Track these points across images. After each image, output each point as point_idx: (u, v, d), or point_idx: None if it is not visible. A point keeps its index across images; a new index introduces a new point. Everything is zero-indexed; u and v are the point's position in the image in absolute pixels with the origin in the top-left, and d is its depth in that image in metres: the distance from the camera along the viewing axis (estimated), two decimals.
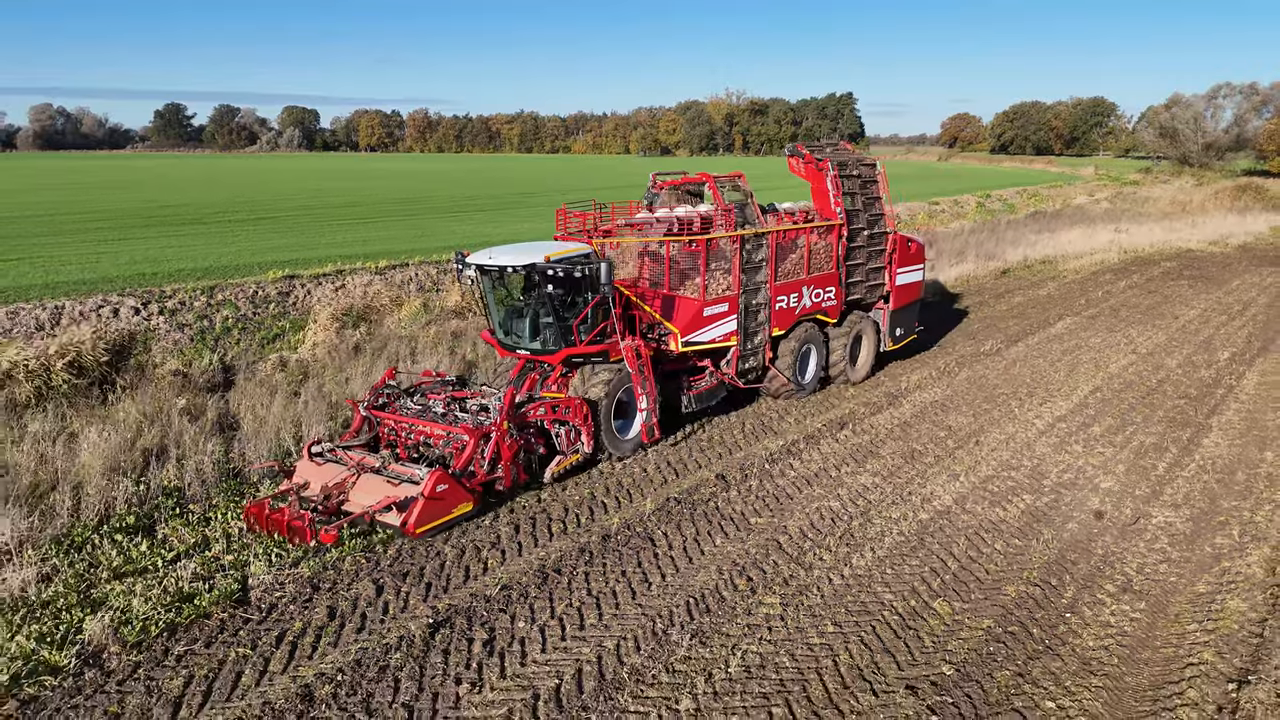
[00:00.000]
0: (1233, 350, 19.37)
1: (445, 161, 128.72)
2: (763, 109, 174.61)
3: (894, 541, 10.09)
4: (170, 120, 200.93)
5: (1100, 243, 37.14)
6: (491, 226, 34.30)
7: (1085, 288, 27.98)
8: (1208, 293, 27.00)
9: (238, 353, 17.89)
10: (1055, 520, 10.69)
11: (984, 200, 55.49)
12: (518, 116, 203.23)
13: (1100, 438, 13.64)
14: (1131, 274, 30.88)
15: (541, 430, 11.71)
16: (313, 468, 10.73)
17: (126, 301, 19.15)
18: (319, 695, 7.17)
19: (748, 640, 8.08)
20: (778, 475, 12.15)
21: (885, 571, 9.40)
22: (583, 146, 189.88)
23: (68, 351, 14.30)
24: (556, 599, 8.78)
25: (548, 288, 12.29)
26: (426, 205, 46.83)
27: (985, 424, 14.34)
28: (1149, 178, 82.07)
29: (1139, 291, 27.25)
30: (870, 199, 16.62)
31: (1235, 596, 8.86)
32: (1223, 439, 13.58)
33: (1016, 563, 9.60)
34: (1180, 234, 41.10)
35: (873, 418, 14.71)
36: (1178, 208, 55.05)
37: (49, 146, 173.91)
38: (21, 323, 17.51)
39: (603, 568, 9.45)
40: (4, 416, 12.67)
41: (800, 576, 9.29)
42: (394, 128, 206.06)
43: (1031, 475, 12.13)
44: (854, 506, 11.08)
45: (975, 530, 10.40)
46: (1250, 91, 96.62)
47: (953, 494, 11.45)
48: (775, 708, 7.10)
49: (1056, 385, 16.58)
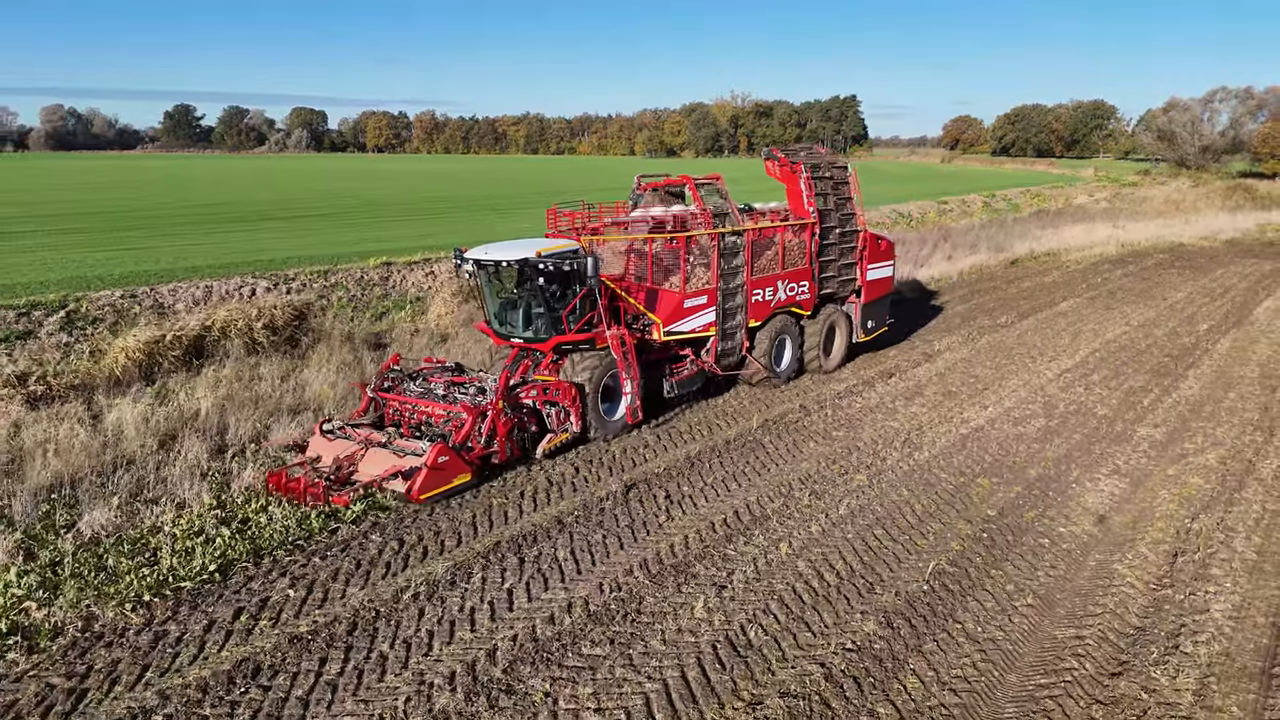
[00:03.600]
0: (1211, 323, 22.76)
1: (457, 163, 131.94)
2: (767, 111, 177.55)
3: (943, 445, 13.49)
4: (180, 121, 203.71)
5: (1099, 237, 40.52)
6: (527, 222, 37.58)
7: (1086, 275, 31.39)
8: (1194, 280, 30.39)
9: (373, 322, 21.27)
10: (1063, 432, 14.09)
11: (989, 200, 58.94)
12: (523, 118, 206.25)
13: (1099, 383, 17.03)
14: (1128, 264, 34.27)
15: (534, 410, 12.68)
16: (324, 443, 11.82)
17: (260, 283, 22.48)
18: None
19: (848, 497, 11.47)
20: (845, 407, 15.56)
21: (939, 462, 12.79)
22: (588, 148, 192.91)
23: (264, 315, 17.66)
24: (709, 473, 12.17)
25: (539, 281, 13.12)
26: (466, 203, 50.27)
27: (1005, 374, 17.74)
28: (1147, 179, 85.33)
29: (1133, 279, 30.65)
30: (842, 199, 17.56)
31: (1196, 476, 12.26)
32: (1196, 384, 16.96)
33: (1037, 457, 12.99)
34: (1174, 230, 44.48)
35: (914, 369, 18.11)
36: (1172, 206, 58.47)
37: (60, 147, 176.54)
38: (182, 297, 20.91)
39: (733, 458, 12.85)
40: (237, 360, 16.07)
41: (878, 465, 12.68)
42: (401, 129, 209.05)
43: (1044, 406, 15.52)
44: (910, 425, 14.48)
45: (1003, 439, 13.79)
46: (1246, 95, 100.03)
47: (984, 418, 14.85)
48: (876, 531, 10.49)
49: (1062, 348, 19.98)
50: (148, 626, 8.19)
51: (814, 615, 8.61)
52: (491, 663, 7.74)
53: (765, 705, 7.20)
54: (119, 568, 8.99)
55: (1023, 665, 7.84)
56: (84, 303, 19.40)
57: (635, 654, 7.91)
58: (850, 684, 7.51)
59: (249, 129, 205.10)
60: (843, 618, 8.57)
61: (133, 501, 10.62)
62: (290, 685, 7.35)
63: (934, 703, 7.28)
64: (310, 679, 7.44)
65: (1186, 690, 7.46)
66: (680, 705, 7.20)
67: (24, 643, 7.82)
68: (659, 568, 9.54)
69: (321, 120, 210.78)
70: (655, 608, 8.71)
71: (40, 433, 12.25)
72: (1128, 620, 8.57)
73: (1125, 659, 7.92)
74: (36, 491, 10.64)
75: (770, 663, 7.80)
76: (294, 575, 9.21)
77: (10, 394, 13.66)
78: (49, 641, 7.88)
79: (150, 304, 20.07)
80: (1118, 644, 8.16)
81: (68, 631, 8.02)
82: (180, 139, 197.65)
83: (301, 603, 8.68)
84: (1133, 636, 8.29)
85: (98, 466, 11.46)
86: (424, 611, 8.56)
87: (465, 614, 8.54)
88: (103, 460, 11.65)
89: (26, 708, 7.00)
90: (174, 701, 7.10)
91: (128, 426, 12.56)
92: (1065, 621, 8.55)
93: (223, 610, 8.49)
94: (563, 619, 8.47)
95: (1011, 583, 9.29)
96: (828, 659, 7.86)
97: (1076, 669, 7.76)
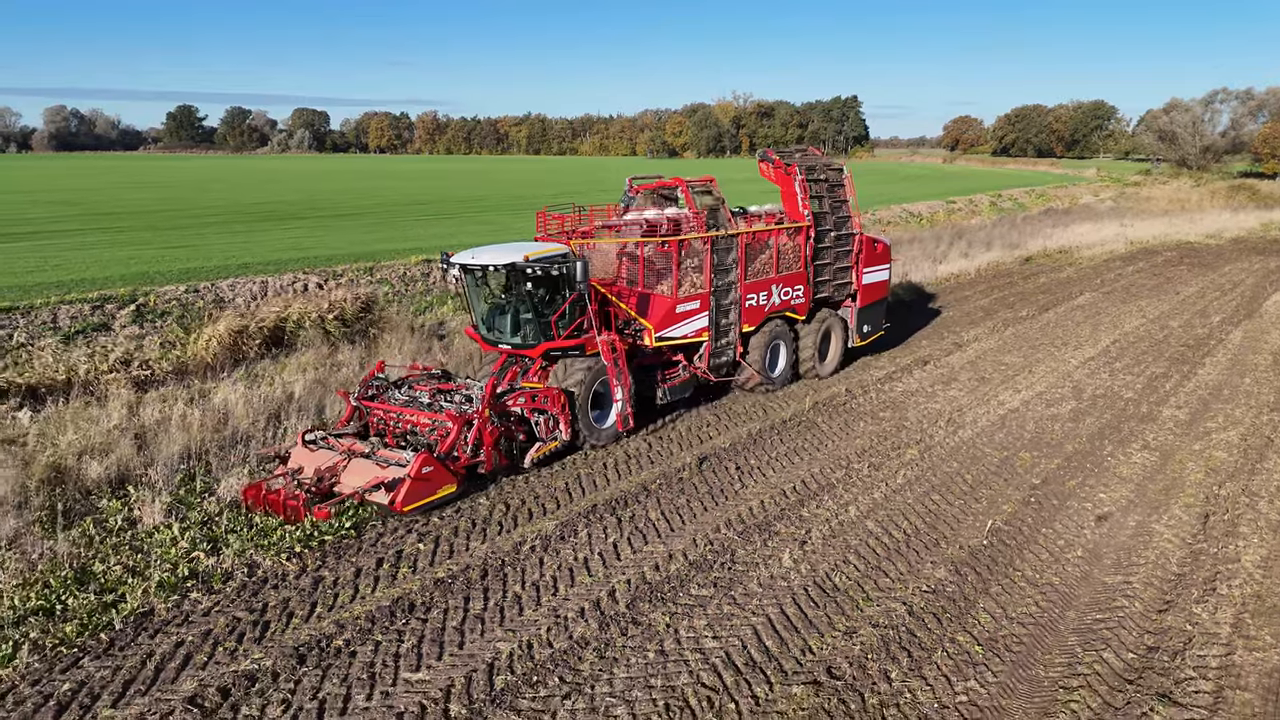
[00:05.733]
0: (1223, 316, 23.86)
1: (463, 163, 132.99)
2: (769, 112, 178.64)
3: (984, 424, 14.57)
4: (182, 122, 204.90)
5: (1108, 235, 41.65)
6: None
7: (1099, 271, 32.50)
8: (1204, 275, 31.50)
9: (419, 314, 22.34)
10: (1093, 413, 15.17)
11: (995, 199, 60.08)
12: (525, 119, 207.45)
13: (1122, 369, 18.12)
14: (1138, 261, 35.38)
15: (522, 419, 12.33)
16: (306, 454, 11.29)
17: (310, 279, 23.54)
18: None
19: (903, 469, 12.55)
20: (888, 391, 16.64)
21: (982, 439, 13.87)
22: (590, 148, 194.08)
23: (335, 307, 18.72)
24: (771, 448, 13.25)
25: (527, 286, 12.88)
26: (488, 203, 51.33)
27: (1032, 361, 18.82)
28: (1149, 179, 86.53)
29: (1145, 274, 31.75)
30: (838, 202, 17.31)
31: (1219, 450, 13.34)
32: (1214, 370, 18.04)
33: (1072, 435, 14.07)
34: (1180, 228, 45.61)
35: (946, 358, 19.19)
36: (1177, 205, 59.66)
37: (63, 147, 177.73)
38: (240, 292, 21.96)
39: (791, 435, 13.92)
40: (314, 348, 17.14)
41: (926, 441, 13.76)
42: (403, 129, 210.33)
43: (1074, 390, 16.61)
44: (950, 406, 15.56)
45: (1039, 419, 14.87)
46: (1246, 96, 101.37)
47: (1018, 400, 15.93)
48: (934, 496, 11.56)
49: (1084, 338, 21.07)
50: (304, 572, 9.26)
51: (889, 564, 9.68)
52: (614, 601, 8.81)
53: (859, 634, 8.27)
54: (266, 524, 10.06)
55: (1079, 604, 8.90)
56: (152, 297, 20.45)
57: (737, 595, 8.98)
58: (930, 618, 8.58)
59: (251, 130, 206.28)
60: (915, 566, 9.64)
61: (259, 469, 11.69)
62: (444, 618, 8.42)
63: (1005, 633, 8.35)
64: (459, 613, 8.51)
65: (1224, 624, 8.52)
66: (785, 635, 8.26)
67: (201, 585, 8.89)
68: (743, 526, 10.62)
69: (324, 121, 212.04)
70: (747, 558, 9.78)
71: (155, 412, 13.32)
72: (1168, 569, 9.64)
73: (1169, 599, 8.99)
74: (168, 462, 11.69)
75: (857, 602, 8.87)
76: (419, 532, 10.27)
77: (116, 377, 14.74)
78: (221, 584, 8.94)
79: (212, 298, 21.11)
80: (1160, 588, 9.22)
81: (236, 577, 9.09)
82: (183, 140, 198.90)
83: (432, 554, 9.75)
84: (1173, 581, 9.36)
85: (218, 440, 12.51)
86: (543, 561, 9.63)
87: (580, 563, 9.61)
88: (221, 435, 12.71)
89: (220, 635, 8.07)
90: (349, 629, 8.17)
91: (235, 406, 13.62)
92: (1112, 570, 9.62)
93: (365, 560, 9.56)
94: (667, 567, 9.54)
95: (1061, 539, 10.37)
96: (907, 599, 8.93)
97: (1127, 606, 8.83)
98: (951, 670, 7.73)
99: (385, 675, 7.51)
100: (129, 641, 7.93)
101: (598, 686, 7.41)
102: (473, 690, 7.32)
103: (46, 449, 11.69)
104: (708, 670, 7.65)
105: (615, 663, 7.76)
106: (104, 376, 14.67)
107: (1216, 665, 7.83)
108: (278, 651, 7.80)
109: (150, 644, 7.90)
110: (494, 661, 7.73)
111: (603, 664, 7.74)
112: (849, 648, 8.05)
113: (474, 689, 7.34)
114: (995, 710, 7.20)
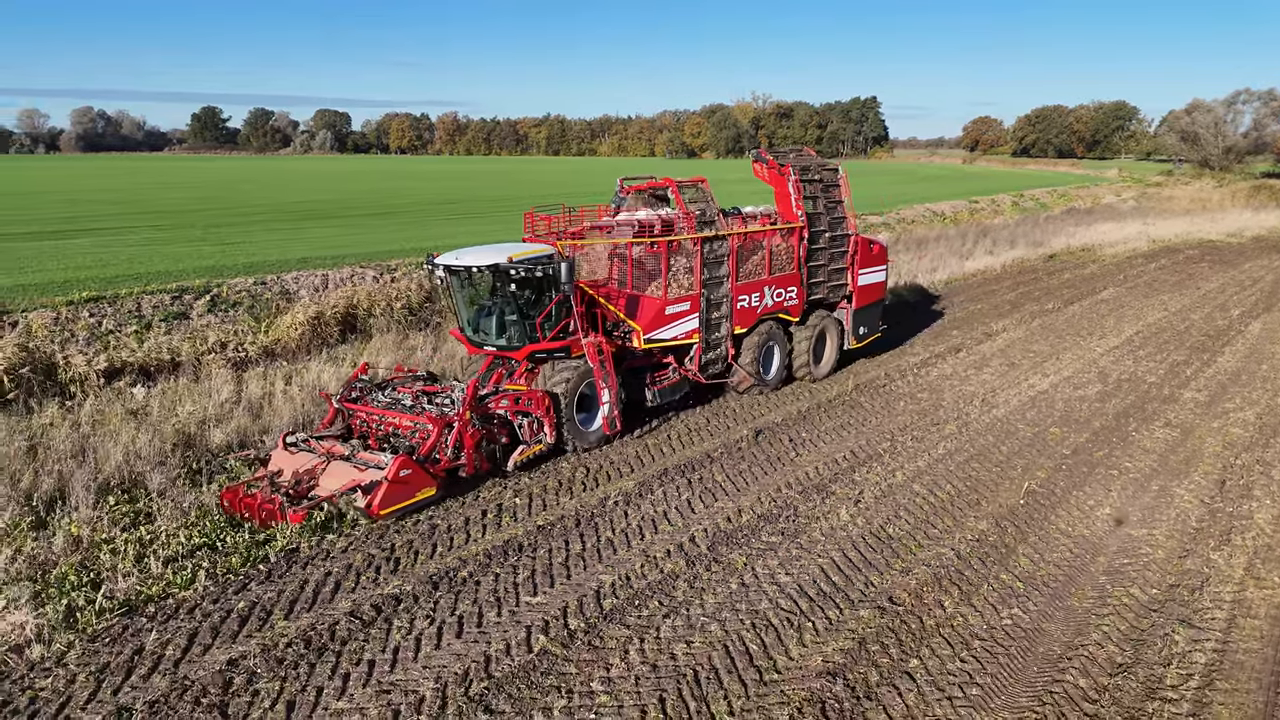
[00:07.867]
0: (1243, 309, 24.79)
1: (485, 163, 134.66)
2: (788, 113, 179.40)
3: (1016, 404, 15.68)
4: (206, 123, 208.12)
5: (1130, 234, 42.48)
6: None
7: (1122, 268, 33.42)
8: (1224, 272, 32.36)
9: None
10: (1118, 395, 16.25)
11: (1018, 199, 60.85)
12: (545, 120, 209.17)
13: (1145, 357, 19.15)
14: (1160, 258, 36.25)
15: (505, 421, 12.16)
16: (287, 456, 11.24)
17: (368, 272, 24.85)
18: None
19: (943, 441, 13.69)
20: (924, 375, 17.77)
21: (1014, 417, 14.99)
22: (608, 149, 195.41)
23: (401, 296, 20.05)
24: (819, 424, 14.43)
25: (511, 287, 12.79)
26: (516, 203, 52.57)
27: (1060, 349, 19.89)
28: (1171, 180, 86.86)
29: (1167, 271, 32.65)
30: (832, 203, 17.19)
31: (1236, 427, 14.40)
32: (1233, 358, 19.04)
33: (1099, 413, 15.15)
34: (1201, 227, 46.34)
35: (977, 346, 20.29)
36: (1198, 205, 60.25)
37: (90, 148, 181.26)
38: (304, 284, 23.29)
39: (837, 413, 15.10)
40: (386, 334, 18.47)
41: (963, 418, 14.89)
42: (423, 130, 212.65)
43: (1099, 375, 17.67)
44: (983, 389, 16.67)
45: (1067, 400, 15.96)
46: (1269, 97, 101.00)
47: (1048, 384, 17.02)
48: (973, 464, 12.70)
49: (1109, 328, 22.10)
50: (420, 521, 10.53)
51: (936, 519, 10.84)
52: (695, 544, 10.02)
53: (914, 572, 9.45)
54: None
55: (1108, 552, 10.03)
56: (224, 288, 21.85)
57: (802, 541, 10.17)
58: (975, 561, 9.74)
59: (274, 130, 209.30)
60: (959, 520, 10.79)
61: None
62: (549, 556, 9.66)
63: (1043, 573, 9.49)
64: (562, 552, 9.75)
65: (1238, 568, 9.63)
66: (848, 572, 9.44)
67: (335, 530, 10.17)
68: (802, 487, 11.80)
69: (345, 122, 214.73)
70: (808, 513, 10.96)
71: (258, 388, 14.66)
72: (1188, 525, 10.74)
73: (1188, 548, 10.10)
74: (280, 429, 13.00)
75: (910, 548, 10.04)
76: (513, 489, 11.54)
77: (214, 358, 16.11)
78: (350, 529, 10.23)
79: (278, 290, 22.45)
80: (1181, 540, 10.33)
81: (360, 524, 10.37)
82: (207, 140, 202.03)
83: (528, 507, 11.02)
84: (1193, 534, 10.47)
85: (319, 412, 13.82)
86: (627, 513, 10.87)
87: (660, 514, 10.83)
88: (320, 407, 14.02)
89: (360, 567, 9.35)
90: (470, 564, 9.44)
91: (329, 384, 14.94)
92: (1138, 524, 10.73)
93: (472, 511, 10.84)
94: (738, 519, 10.74)
95: (1091, 500, 11.48)
96: (955, 545, 10.09)
97: (1150, 554, 9.95)
98: (997, 600, 8.89)
99: (509, 599, 8.76)
100: (285, 571, 9.23)
101: (692, 609, 8.62)
102: (585, 610, 8.56)
103: (169, 418, 13.04)
104: (785, 598, 8.85)
105: (704, 591, 8.97)
106: (204, 357, 16.05)
107: (1230, 599, 8.95)
108: (414, 579, 9.07)
109: (303, 574, 9.19)
110: (599, 589, 8.97)
111: (693, 592, 8.96)
112: (906, 582, 9.22)
113: (586, 609, 8.57)
114: (1036, 631, 8.36)
